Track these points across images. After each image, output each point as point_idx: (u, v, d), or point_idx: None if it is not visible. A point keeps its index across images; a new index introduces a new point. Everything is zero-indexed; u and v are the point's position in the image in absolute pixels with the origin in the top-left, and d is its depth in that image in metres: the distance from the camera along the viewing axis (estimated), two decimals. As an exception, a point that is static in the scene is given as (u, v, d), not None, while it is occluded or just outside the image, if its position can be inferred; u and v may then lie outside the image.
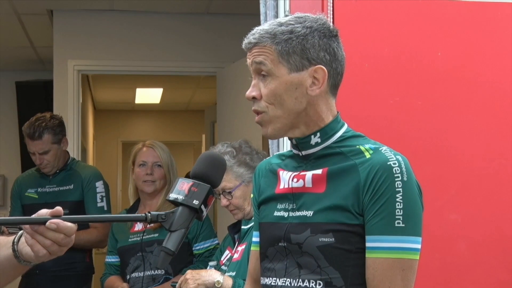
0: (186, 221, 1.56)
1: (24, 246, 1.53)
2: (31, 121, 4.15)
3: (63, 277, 4.16)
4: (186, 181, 1.60)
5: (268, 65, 1.75)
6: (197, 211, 1.57)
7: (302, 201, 1.77)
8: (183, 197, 1.57)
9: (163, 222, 1.55)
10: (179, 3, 5.41)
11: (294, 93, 1.75)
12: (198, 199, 1.57)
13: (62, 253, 1.53)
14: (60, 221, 1.48)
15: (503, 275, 2.74)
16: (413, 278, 1.70)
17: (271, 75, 1.76)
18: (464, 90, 2.78)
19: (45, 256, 1.51)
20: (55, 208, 1.50)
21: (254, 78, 1.80)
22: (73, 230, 1.50)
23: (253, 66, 1.78)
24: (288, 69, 1.75)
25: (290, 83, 1.75)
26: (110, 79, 8.11)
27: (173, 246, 1.54)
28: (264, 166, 1.94)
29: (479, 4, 2.81)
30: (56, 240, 1.49)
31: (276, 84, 1.75)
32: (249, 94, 1.79)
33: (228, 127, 5.31)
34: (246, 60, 1.81)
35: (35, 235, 1.49)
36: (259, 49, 1.76)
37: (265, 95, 1.77)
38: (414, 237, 1.68)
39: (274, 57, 1.75)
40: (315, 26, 1.77)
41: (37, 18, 5.69)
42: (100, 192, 4.20)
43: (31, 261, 1.56)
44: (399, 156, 1.72)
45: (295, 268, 1.75)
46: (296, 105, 1.76)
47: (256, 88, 1.78)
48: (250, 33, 1.80)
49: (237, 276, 2.78)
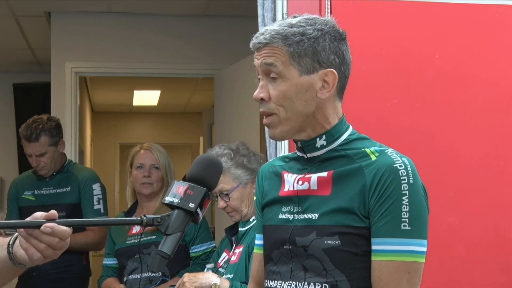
0: (182, 224, 1.55)
1: (19, 249, 1.52)
2: (28, 123, 4.14)
3: (60, 279, 4.15)
4: (181, 184, 1.59)
5: (279, 66, 1.73)
6: (193, 214, 1.56)
7: (308, 204, 1.76)
8: (178, 200, 1.57)
9: (159, 226, 1.54)
10: (177, 5, 5.41)
11: (304, 95, 1.74)
12: (194, 202, 1.56)
13: (57, 257, 1.52)
14: (55, 224, 1.47)
15: (501, 277, 2.74)
16: (419, 281, 1.69)
17: (281, 77, 1.74)
18: (462, 92, 2.78)
19: (39, 259, 1.50)
20: (50, 212, 1.49)
21: (262, 79, 1.77)
22: (68, 233, 1.49)
23: (262, 67, 1.76)
24: (298, 71, 1.73)
25: (301, 85, 1.74)
26: (107, 81, 8.11)
27: (169, 249, 1.53)
28: (268, 168, 1.92)
29: (476, 6, 2.81)
30: (51, 244, 1.48)
31: (287, 86, 1.74)
32: (258, 95, 1.77)
33: (226, 129, 5.30)
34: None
35: (29, 239, 1.48)
36: (270, 50, 1.74)
37: (274, 97, 1.75)
38: (420, 239, 1.67)
39: (285, 58, 1.73)
40: (326, 29, 1.75)
41: (35, 20, 5.69)
42: (97, 195, 4.19)
43: (26, 264, 1.55)
44: (405, 159, 1.71)
45: (301, 271, 1.74)
46: (305, 107, 1.75)
47: (265, 89, 1.76)
48: (259, 33, 1.78)
49: (235, 278, 2.78)
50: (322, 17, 1.79)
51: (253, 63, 1.79)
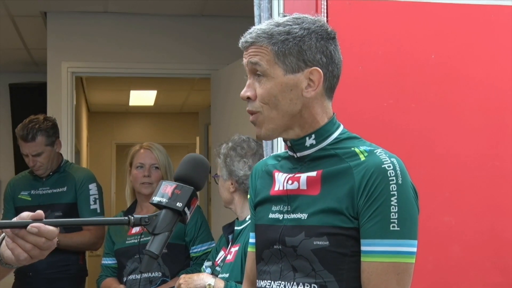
0: (170, 224, 1.55)
1: (5, 249, 1.51)
2: (24, 123, 4.14)
3: (56, 279, 4.15)
4: (169, 184, 1.59)
5: (263, 65, 1.74)
6: (181, 213, 1.57)
7: (297, 204, 1.76)
8: (166, 200, 1.57)
9: (147, 226, 1.54)
10: (173, 5, 5.41)
11: (289, 94, 1.74)
12: (181, 202, 1.56)
13: (44, 257, 1.51)
14: (42, 224, 1.46)
15: (496, 277, 2.74)
16: (409, 281, 1.69)
17: (266, 76, 1.75)
18: (457, 92, 2.78)
19: (26, 259, 1.49)
20: (36, 212, 1.48)
21: (249, 77, 1.79)
22: (54, 233, 1.48)
23: (249, 66, 1.77)
24: (283, 70, 1.74)
25: (286, 84, 1.74)
26: (104, 81, 8.10)
27: (156, 249, 1.53)
28: (261, 167, 1.93)
29: (472, 6, 2.82)
30: (37, 244, 1.47)
31: (271, 85, 1.74)
32: (244, 94, 1.78)
33: (222, 129, 5.30)
34: (241, 62, 1.81)
35: (16, 239, 1.47)
36: (256, 48, 1.75)
37: (259, 95, 1.76)
38: (409, 240, 1.67)
39: (270, 57, 1.74)
40: (313, 27, 1.75)
41: (31, 20, 5.68)
42: (93, 194, 4.19)
43: (13, 264, 1.54)
44: (393, 159, 1.71)
45: (290, 271, 1.74)
46: (290, 106, 1.75)
47: (251, 88, 1.77)
48: (247, 32, 1.79)
49: (231, 277, 2.78)
50: (312, 16, 1.79)
51: (242, 62, 1.80)
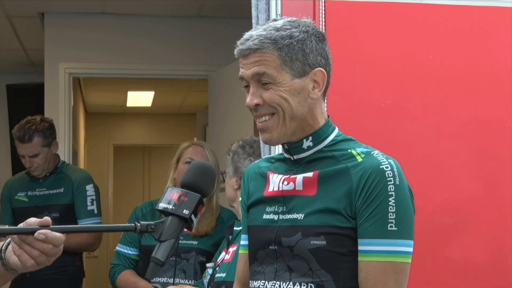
0: (176, 231, 1.54)
1: (11, 255, 1.50)
2: (21, 123, 4.13)
3: (53, 280, 4.14)
4: (175, 191, 1.58)
5: (271, 74, 1.72)
6: (187, 220, 1.55)
7: (293, 204, 1.76)
8: (172, 206, 1.56)
9: (153, 232, 1.53)
10: (171, 6, 5.40)
11: (297, 97, 1.74)
12: (188, 209, 1.55)
13: (50, 263, 1.51)
14: (49, 231, 1.45)
15: (495, 278, 2.74)
16: (406, 281, 1.71)
17: (274, 83, 1.73)
18: (455, 93, 2.78)
19: (32, 266, 1.48)
20: (43, 218, 1.48)
21: (252, 86, 1.75)
22: (61, 240, 1.47)
23: (254, 78, 1.74)
24: (291, 75, 1.73)
25: (294, 88, 1.74)
26: (101, 82, 8.09)
27: (162, 256, 1.52)
28: (253, 169, 1.92)
29: (470, 8, 2.82)
30: (44, 251, 1.47)
31: (280, 91, 1.73)
32: (251, 102, 1.75)
33: (219, 131, 5.30)
34: (238, 64, 1.78)
35: (22, 245, 1.47)
36: (260, 56, 1.72)
37: (269, 101, 1.74)
38: (406, 240, 1.69)
39: (277, 64, 1.72)
40: (310, 30, 1.76)
41: (28, 20, 5.68)
42: (91, 196, 4.18)
43: (18, 270, 1.53)
44: (391, 160, 1.72)
45: (286, 271, 1.74)
46: (300, 109, 1.75)
47: (256, 95, 1.75)
48: (243, 39, 1.75)
49: (227, 277, 2.78)
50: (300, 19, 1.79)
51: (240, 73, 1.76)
